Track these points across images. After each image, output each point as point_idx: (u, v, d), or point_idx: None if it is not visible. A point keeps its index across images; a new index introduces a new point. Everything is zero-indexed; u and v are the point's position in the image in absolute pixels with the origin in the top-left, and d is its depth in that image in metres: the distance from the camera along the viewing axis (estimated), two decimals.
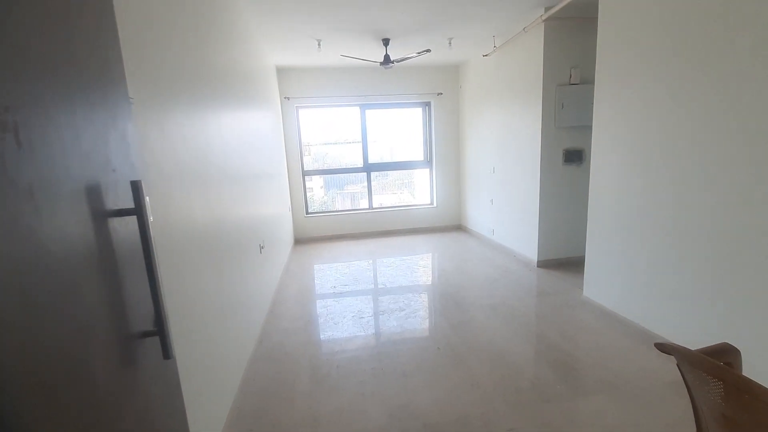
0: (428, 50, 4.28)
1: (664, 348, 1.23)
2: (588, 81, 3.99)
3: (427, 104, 6.37)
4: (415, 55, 4.40)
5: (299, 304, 3.64)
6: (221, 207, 2.23)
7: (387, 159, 6.77)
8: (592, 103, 3.94)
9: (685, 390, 1.40)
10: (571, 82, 3.98)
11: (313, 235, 6.26)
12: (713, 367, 1.10)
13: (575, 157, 4.14)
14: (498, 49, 4.64)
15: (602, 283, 3.15)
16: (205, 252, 1.89)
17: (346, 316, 3.30)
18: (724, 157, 2.10)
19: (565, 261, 4.34)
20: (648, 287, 2.69)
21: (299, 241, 6.19)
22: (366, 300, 3.69)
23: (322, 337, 2.98)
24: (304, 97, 5.84)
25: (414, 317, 3.23)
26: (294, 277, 4.42)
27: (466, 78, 5.91)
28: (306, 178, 6.32)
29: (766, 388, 0.95)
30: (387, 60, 4.55)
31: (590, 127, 4.02)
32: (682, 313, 2.44)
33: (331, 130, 6.55)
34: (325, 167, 6.62)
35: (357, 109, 6.20)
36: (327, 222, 6.32)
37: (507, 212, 4.93)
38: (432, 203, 6.68)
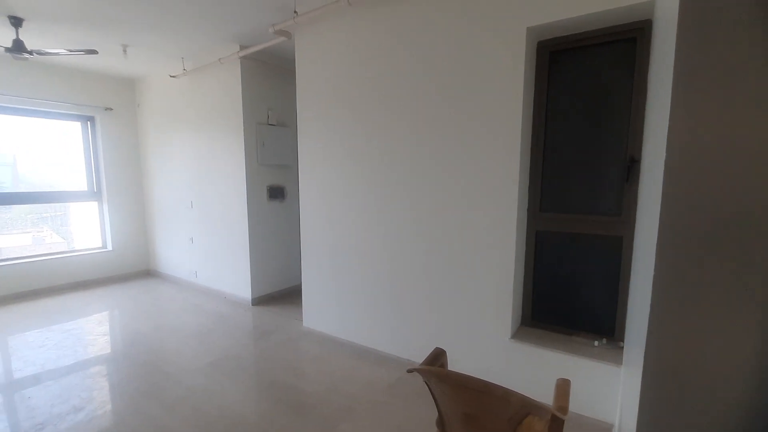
0: (94, 51, 3.29)
1: (414, 370, 1.38)
2: (284, 124, 4.29)
3: (90, 119, 4.92)
4: (65, 52, 3.26)
5: None
6: None
7: (25, 188, 4.68)
8: (290, 144, 4.29)
9: (404, 392, 1.66)
10: (269, 123, 4.14)
11: None
12: (440, 374, 1.35)
13: (278, 193, 4.32)
14: (189, 72, 4.21)
15: (319, 311, 3.38)
16: None
17: None
18: (396, 196, 2.75)
19: (279, 294, 4.39)
20: (356, 308, 3.11)
21: None
22: (1, 413, 2.29)
23: None
24: None
25: (102, 415, 2.27)
26: None
27: (148, 96, 5.01)
28: None
29: (489, 383, 1.23)
30: (19, 47, 3.16)
31: (289, 166, 4.35)
32: (382, 324, 2.96)
33: None
34: None
35: None
36: None
37: (212, 251, 4.48)
38: (105, 246, 5.15)
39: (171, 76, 4.40)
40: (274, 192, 4.26)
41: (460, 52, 2.38)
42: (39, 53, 3.22)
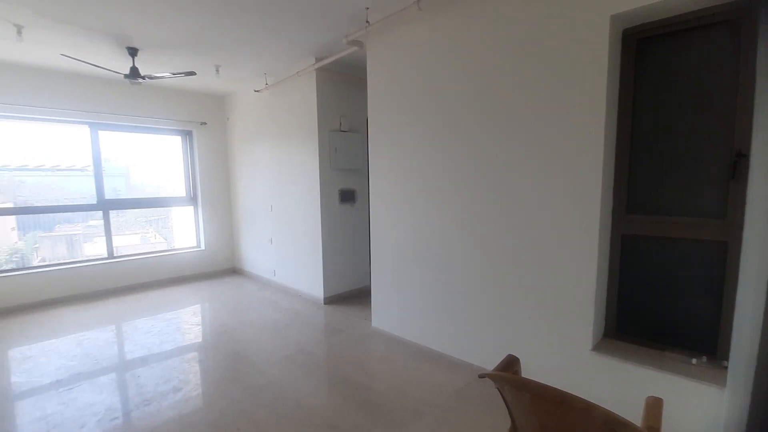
0: (193, 72, 3.73)
1: (487, 376, 1.35)
2: (354, 130, 4.45)
3: (188, 133, 5.56)
4: (169, 75, 3.73)
5: None
6: None
7: (136, 194, 5.46)
8: (360, 149, 4.44)
9: (473, 398, 1.62)
10: (341, 129, 4.33)
11: (5, 305, 4.19)
12: (516, 382, 1.29)
13: (349, 196, 4.48)
14: (270, 87, 4.57)
15: (388, 312, 3.44)
16: None
17: (86, 423, 2.25)
18: (473, 198, 2.70)
19: (349, 294, 4.55)
20: (424, 311, 3.11)
21: None
22: (117, 388, 2.67)
23: None
24: None
25: (196, 396, 2.55)
26: None
27: (235, 110, 5.54)
28: None
29: (569, 394, 1.16)
30: (135, 73, 3.69)
31: (359, 170, 4.50)
32: (451, 328, 2.92)
33: (37, 151, 4.69)
34: (25, 203, 4.65)
35: (86, 129, 4.71)
36: (33, 282, 4.38)
37: (289, 251, 4.79)
38: (199, 246, 5.77)
39: (255, 91, 4.82)
40: (345, 195, 4.44)
41: (537, 47, 2.29)
42: (149, 78, 3.74)
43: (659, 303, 2.16)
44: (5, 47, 3.53)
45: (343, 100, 4.32)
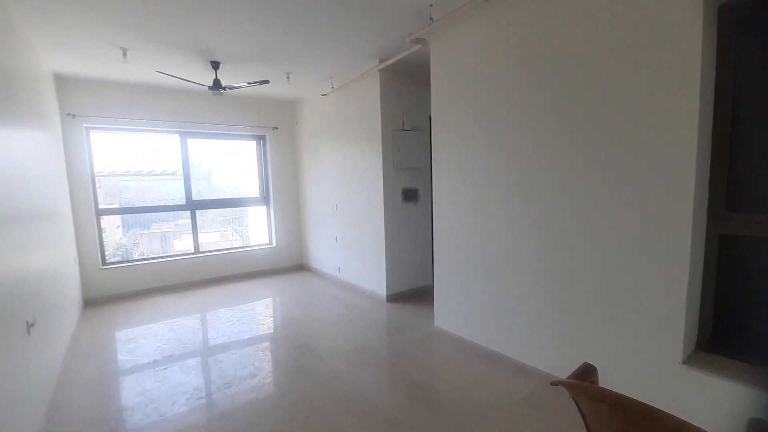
0: (266, 81, 4.00)
1: (560, 384, 1.27)
2: (417, 128, 4.45)
3: (262, 138, 5.97)
4: (246, 85, 4.04)
5: (100, 395, 2.62)
6: None
7: (217, 195, 6.01)
8: (423, 148, 4.43)
9: (543, 406, 1.51)
10: (404, 128, 4.36)
11: (113, 293, 4.83)
12: (594, 392, 1.20)
13: (412, 195, 4.50)
14: (336, 90, 4.75)
15: (451, 312, 3.39)
16: None
17: (177, 400, 2.53)
18: (543, 195, 2.56)
19: (411, 293, 4.57)
20: (490, 313, 3.01)
21: (92, 302, 4.67)
22: (202, 370, 2.96)
23: None
24: (98, 117, 4.60)
25: (269, 383, 2.73)
26: (88, 357, 3.21)
27: (304, 115, 5.83)
28: (101, 217, 4.91)
29: (656, 409, 1.05)
30: (217, 85, 4.04)
31: (421, 169, 4.49)
32: (519, 332, 2.80)
33: (136, 158, 5.36)
34: (128, 204, 5.34)
35: (176, 137, 5.27)
36: (134, 273, 5.00)
37: (353, 249, 4.94)
38: (271, 243, 6.17)
39: (322, 95, 5.03)
40: (408, 194, 4.46)
41: (618, 32, 2.10)
42: (230, 88, 4.08)
43: (764, 313, 1.87)
44: (112, 69, 4.08)
45: (406, 99, 4.34)
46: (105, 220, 5.04)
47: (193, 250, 5.51)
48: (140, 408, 2.46)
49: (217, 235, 6.43)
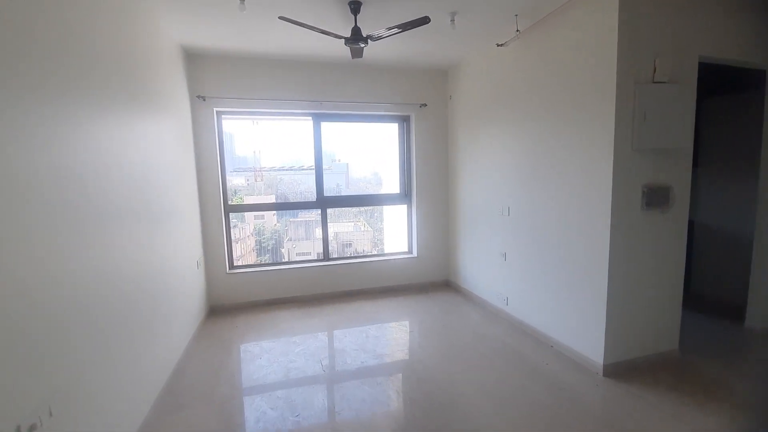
0: (426, 19, 2.64)
1: None
2: (676, 80, 2.54)
3: (406, 119, 4.73)
4: (397, 30, 2.72)
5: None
6: None
7: (354, 188, 5.07)
8: (685, 115, 2.51)
9: None
10: (655, 80, 2.50)
11: (238, 301, 4.20)
12: None
13: (660, 198, 2.61)
14: (523, 33, 3.13)
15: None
16: None
17: None
18: None
19: (650, 361, 2.70)
20: None
21: (217, 310, 4.10)
22: (326, 396, 1.76)
23: None
24: (229, 98, 3.95)
25: None
26: (210, 372, 2.35)
27: (461, 85, 4.37)
28: (232, 215, 4.33)
29: None
30: (357, 35, 2.86)
31: (680, 152, 2.57)
32: None
33: (274, 148, 4.73)
34: (282, 199, 4.77)
35: (309, 122, 4.40)
36: (261, 280, 4.30)
37: (535, 275, 3.28)
38: (411, 252, 4.92)
39: (498, 45, 3.46)
40: (654, 196, 2.59)
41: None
42: (374, 38, 2.86)
43: None
44: (230, 27, 3.25)
45: (665, 27, 2.48)
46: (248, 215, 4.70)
47: (321, 257, 4.61)
48: None
49: (351, 226, 5.63)
